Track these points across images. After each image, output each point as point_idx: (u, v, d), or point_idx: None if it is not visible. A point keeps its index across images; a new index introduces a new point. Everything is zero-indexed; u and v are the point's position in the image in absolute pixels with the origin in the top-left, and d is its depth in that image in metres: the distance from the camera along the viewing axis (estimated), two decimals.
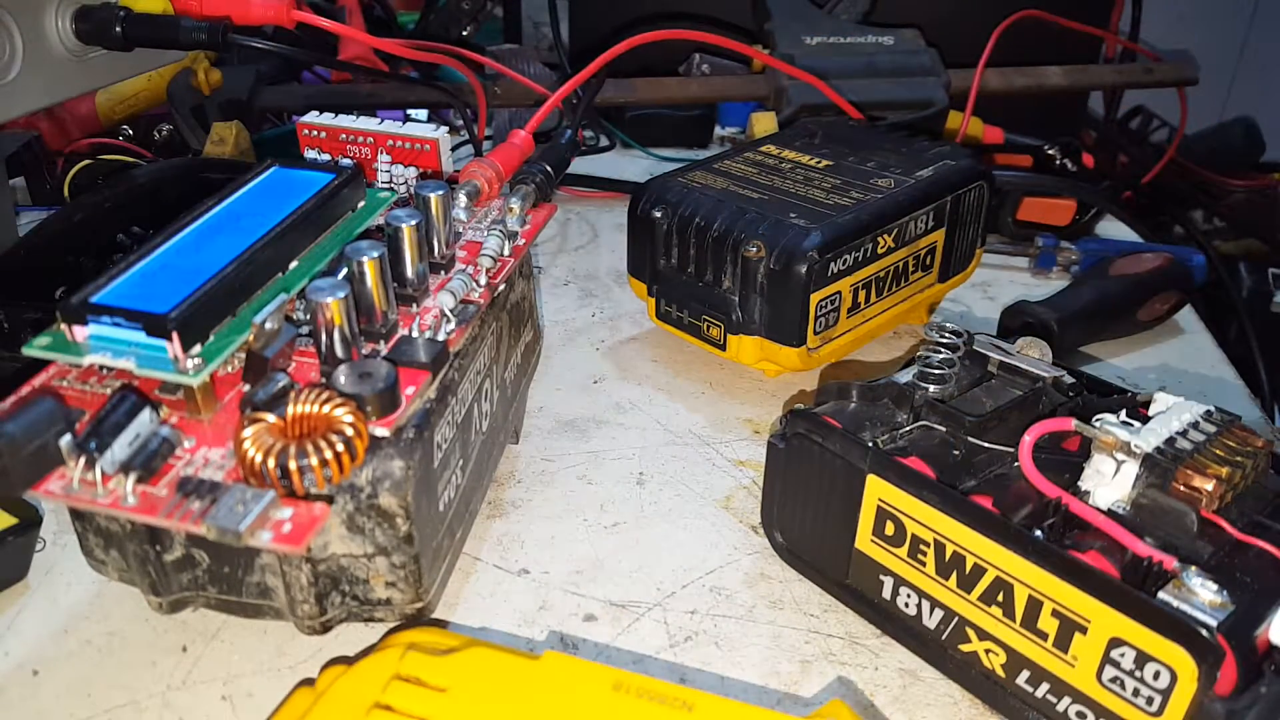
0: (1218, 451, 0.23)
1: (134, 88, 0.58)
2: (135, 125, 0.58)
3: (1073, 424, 0.24)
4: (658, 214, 0.39)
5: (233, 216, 0.27)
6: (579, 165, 0.61)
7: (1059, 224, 0.52)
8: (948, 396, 0.27)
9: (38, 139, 0.54)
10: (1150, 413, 0.25)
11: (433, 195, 0.28)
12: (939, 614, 0.25)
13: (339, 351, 0.24)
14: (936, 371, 0.28)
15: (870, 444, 0.26)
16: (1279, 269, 0.74)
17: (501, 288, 0.30)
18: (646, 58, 0.52)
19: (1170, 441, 0.23)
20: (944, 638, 0.25)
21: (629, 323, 0.44)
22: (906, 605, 0.26)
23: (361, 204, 0.29)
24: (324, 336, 0.24)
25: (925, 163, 0.40)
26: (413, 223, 0.27)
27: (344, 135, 0.33)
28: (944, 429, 0.27)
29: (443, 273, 0.29)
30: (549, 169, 0.36)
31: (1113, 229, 0.56)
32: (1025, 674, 0.23)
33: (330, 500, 0.22)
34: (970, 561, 0.23)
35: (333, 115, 0.34)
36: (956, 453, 0.26)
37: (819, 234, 0.35)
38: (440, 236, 0.29)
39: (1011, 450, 0.25)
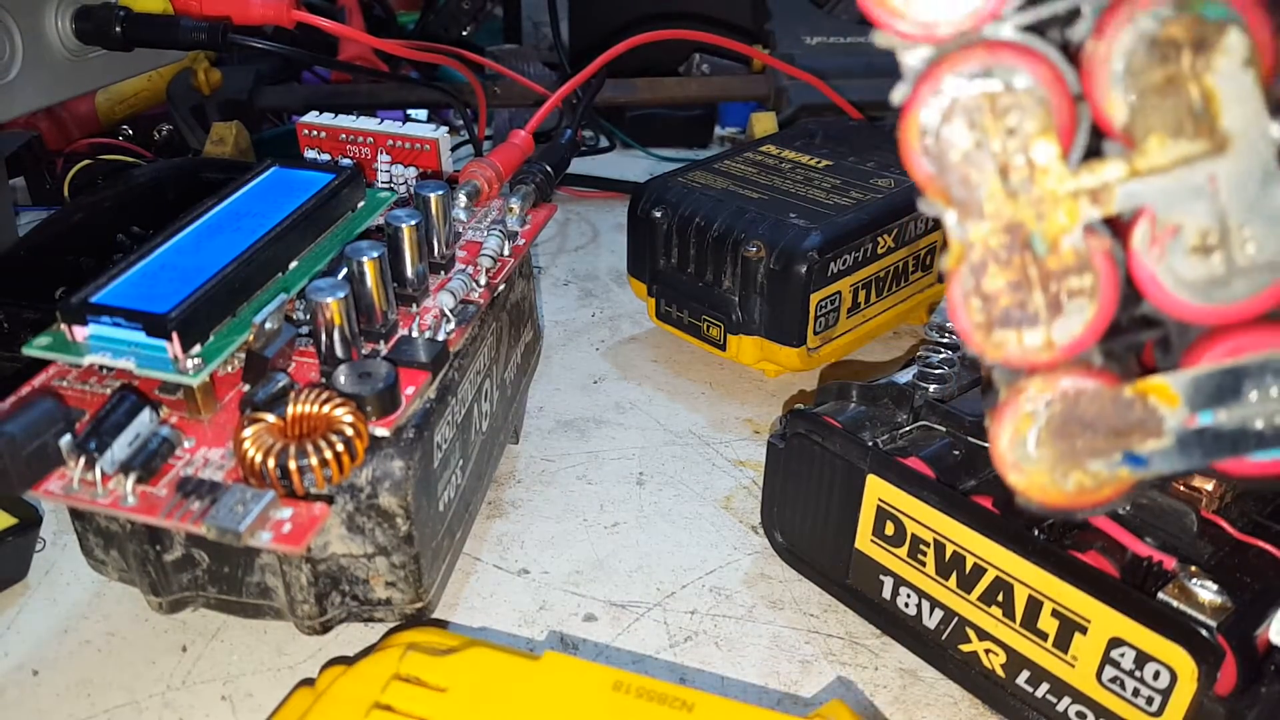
0: None
1: (134, 88, 0.58)
2: (135, 125, 0.58)
3: None
4: (658, 214, 0.39)
5: (232, 216, 0.27)
6: (579, 165, 0.61)
7: None
8: (948, 396, 0.27)
9: (38, 139, 0.54)
10: None
11: (433, 195, 0.28)
12: (939, 614, 0.25)
13: (339, 351, 0.24)
14: (936, 371, 0.28)
15: (870, 444, 0.26)
16: None
17: (501, 288, 0.30)
18: (646, 58, 0.52)
19: None
20: (944, 638, 0.25)
21: (629, 323, 0.44)
22: (906, 605, 0.26)
23: (361, 204, 0.29)
24: (324, 336, 0.24)
25: None
26: (413, 223, 0.27)
27: (344, 135, 0.33)
28: (944, 429, 0.27)
29: (443, 273, 0.29)
30: (549, 169, 0.36)
31: None
32: (1025, 674, 0.23)
33: (330, 500, 0.22)
34: (970, 561, 0.23)
35: (333, 115, 0.34)
36: (956, 453, 0.26)
37: (819, 234, 0.35)
38: (440, 236, 0.29)
39: None
